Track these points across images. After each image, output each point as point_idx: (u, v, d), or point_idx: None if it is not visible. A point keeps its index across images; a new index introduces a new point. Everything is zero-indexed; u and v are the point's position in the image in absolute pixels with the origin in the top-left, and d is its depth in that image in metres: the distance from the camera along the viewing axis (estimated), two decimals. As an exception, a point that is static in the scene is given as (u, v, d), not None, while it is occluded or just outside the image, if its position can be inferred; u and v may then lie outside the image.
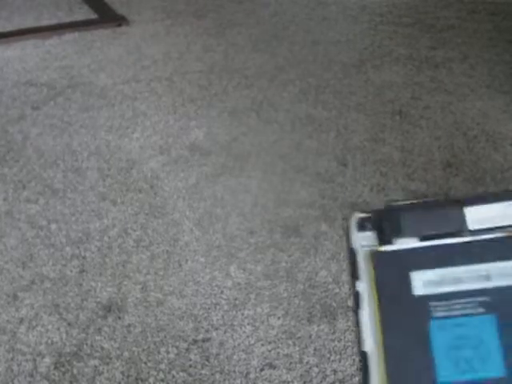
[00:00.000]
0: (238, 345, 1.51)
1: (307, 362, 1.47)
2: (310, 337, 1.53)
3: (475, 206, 0.39)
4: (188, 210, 1.94)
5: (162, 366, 1.45)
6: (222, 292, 1.65)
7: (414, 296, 0.35)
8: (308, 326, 1.56)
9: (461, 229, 0.38)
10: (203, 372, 1.44)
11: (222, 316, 1.58)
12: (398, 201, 0.39)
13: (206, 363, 1.46)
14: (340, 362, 1.47)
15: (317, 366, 1.46)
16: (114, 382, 1.41)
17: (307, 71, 2.86)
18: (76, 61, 2.89)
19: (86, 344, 1.49)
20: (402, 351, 0.33)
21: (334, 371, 1.45)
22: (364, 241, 0.40)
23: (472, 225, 0.38)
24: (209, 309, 1.60)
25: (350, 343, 1.52)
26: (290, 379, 1.43)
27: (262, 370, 1.45)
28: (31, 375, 1.42)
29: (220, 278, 1.69)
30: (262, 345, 1.51)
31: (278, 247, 1.80)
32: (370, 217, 0.40)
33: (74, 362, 1.45)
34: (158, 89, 2.66)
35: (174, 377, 1.43)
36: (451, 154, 2.26)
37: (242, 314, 1.59)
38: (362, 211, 0.35)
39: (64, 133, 2.33)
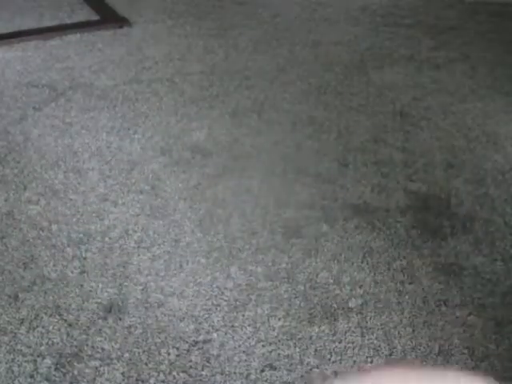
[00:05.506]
0: (239, 346, 1.51)
1: (308, 363, 1.47)
2: (311, 338, 1.53)
3: None
4: (189, 211, 1.94)
5: (163, 367, 1.45)
6: (222, 293, 1.65)
7: None
8: (309, 327, 1.56)
9: None
10: (204, 373, 1.44)
11: (223, 317, 1.58)
12: None
13: (207, 364, 1.46)
14: (341, 363, 1.47)
15: (317, 367, 1.46)
16: (115, 382, 1.41)
17: (308, 72, 2.86)
18: (77, 62, 2.89)
19: (87, 345, 1.49)
20: None
21: (335, 372, 1.45)
22: None
23: None
24: (209, 310, 1.60)
25: (350, 344, 1.52)
26: (290, 380, 1.43)
27: (262, 371, 1.45)
28: (32, 376, 1.42)
29: (221, 279, 1.69)
30: (263, 346, 1.51)
31: (279, 248, 1.80)
32: None
33: (75, 363, 1.45)
34: (159, 90, 2.66)
35: (174, 378, 1.43)
36: (452, 155, 2.26)
37: (243, 316, 1.59)
38: None
39: (65, 134, 2.33)
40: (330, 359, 1.48)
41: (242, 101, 2.59)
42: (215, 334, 1.53)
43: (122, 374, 1.43)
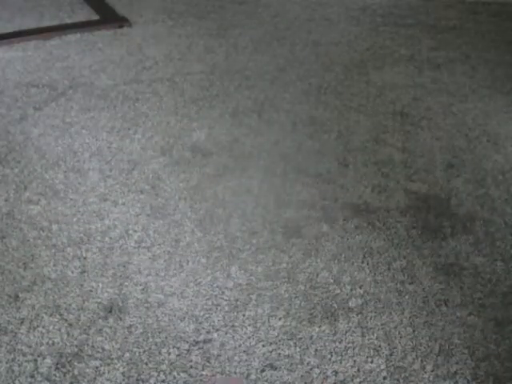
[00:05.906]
0: (239, 346, 1.51)
1: (308, 363, 1.47)
2: (311, 338, 1.53)
3: None
4: (189, 211, 1.94)
5: (163, 367, 1.45)
6: (223, 293, 1.65)
7: None
8: (309, 326, 1.56)
9: None
10: (204, 373, 1.44)
11: (223, 317, 1.58)
12: None
13: (207, 364, 1.46)
14: (341, 363, 1.47)
15: (318, 367, 1.46)
16: (115, 382, 1.42)
17: (308, 72, 2.86)
18: (78, 62, 2.90)
19: (87, 345, 1.50)
20: None
21: (335, 372, 1.45)
22: None
23: None
24: (210, 310, 1.60)
25: (350, 344, 1.52)
26: (290, 380, 1.43)
27: (262, 370, 1.45)
28: (32, 376, 1.42)
29: (221, 279, 1.69)
30: (263, 346, 1.51)
31: (279, 248, 1.80)
32: None
33: (75, 363, 1.45)
34: (159, 90, 2.67)
35: (174, 378, 1.43)
36: (452, 155, 2.26)
37: (243, 315, 1.59)
38: None
39: (65, 133, 2.33)
40: (330, 359, 1.48)
41: (242, 101, 2.59)
42: (215, 334, 1.53)
43: (123, 373, 1.43)
